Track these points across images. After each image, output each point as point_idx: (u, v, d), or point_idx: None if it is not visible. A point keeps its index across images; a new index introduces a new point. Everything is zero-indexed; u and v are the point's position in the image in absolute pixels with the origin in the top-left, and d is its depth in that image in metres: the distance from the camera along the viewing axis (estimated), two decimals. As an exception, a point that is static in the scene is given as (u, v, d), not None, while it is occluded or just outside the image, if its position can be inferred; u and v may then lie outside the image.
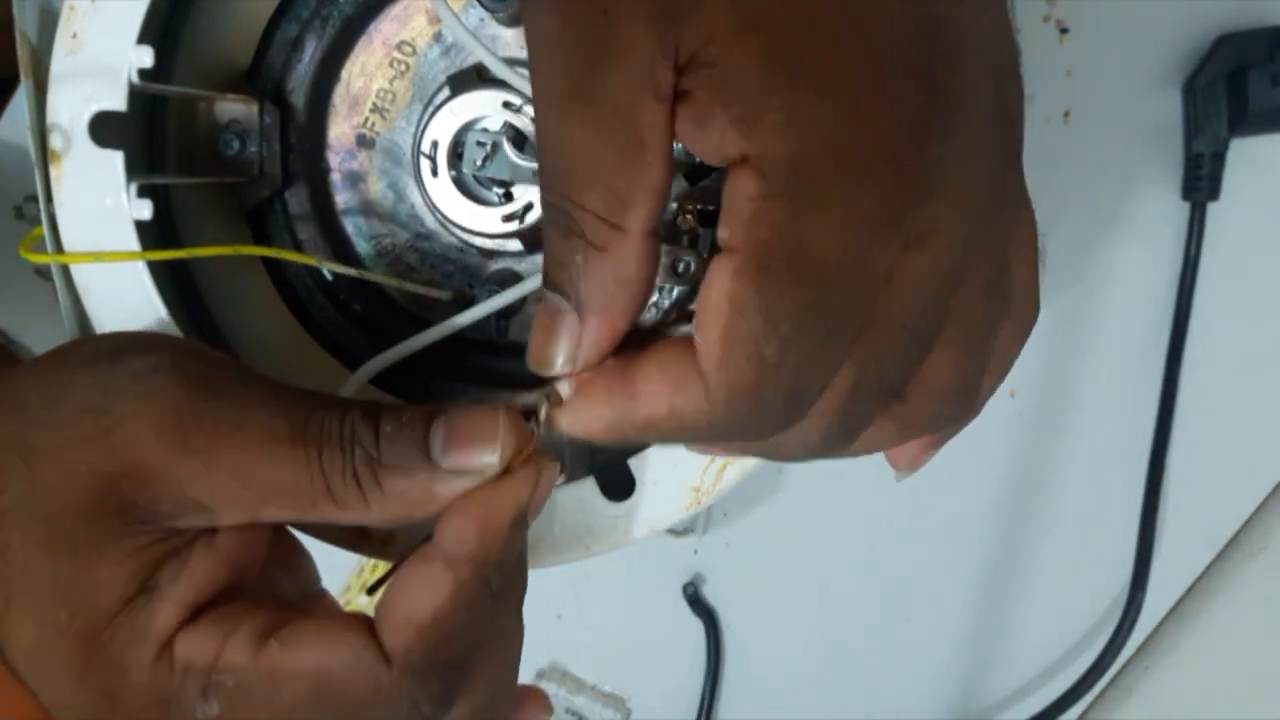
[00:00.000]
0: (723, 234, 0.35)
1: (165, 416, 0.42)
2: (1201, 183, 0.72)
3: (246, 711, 0.40)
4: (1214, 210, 0.72)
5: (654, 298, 0.57)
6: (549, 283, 0.38)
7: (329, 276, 0.58)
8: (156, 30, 0.52)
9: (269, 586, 0.47)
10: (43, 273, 0.74)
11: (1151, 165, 0.73)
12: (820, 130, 0.33)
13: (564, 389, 0.41)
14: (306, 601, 0.50)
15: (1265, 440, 0.74)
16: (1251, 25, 0.70)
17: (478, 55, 0.52)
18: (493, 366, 0.59)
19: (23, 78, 0.51)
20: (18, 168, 0.72)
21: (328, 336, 0.58)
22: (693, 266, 0.54)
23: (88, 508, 0.41)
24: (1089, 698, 0.75)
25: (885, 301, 0.35)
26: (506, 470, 0.43)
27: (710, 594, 0.80)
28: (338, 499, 0.42)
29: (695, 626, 0.80)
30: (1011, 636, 0.78)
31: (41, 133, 0.51)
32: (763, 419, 0.36)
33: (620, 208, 0.36)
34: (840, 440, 0.39)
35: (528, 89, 0.52)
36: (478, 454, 0.43)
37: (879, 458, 0.76)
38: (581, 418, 0.40)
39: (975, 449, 0.76)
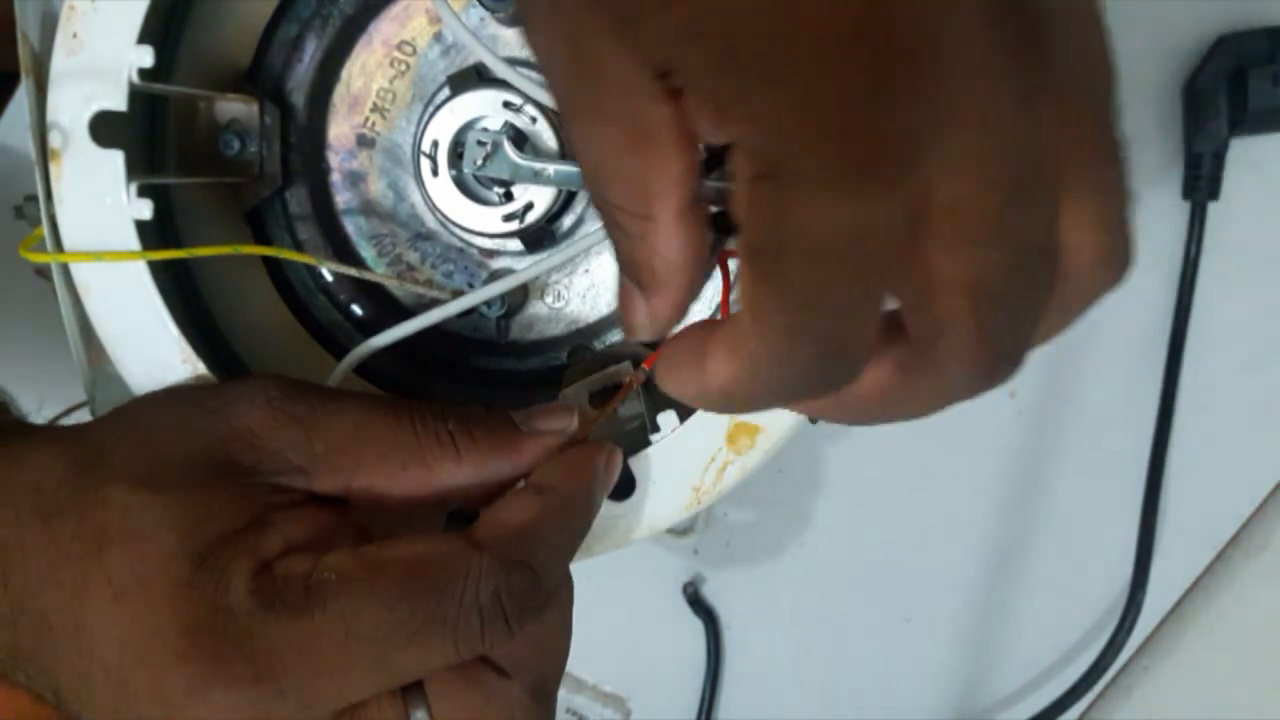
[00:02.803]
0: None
1: (273, 390, 0.47)
2: (1202, 182, 0.71)
3: (349, 598, 0.42)
4: (1214, 210, 0.72)
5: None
6: (620, 265, 0.39)
7: (329, 277, 0.58)
8: (156, 30, 0.52)
9: None
10: (42, 272, 0.74)
11: (1151, 165, 0.73)
12: (779, 116, 0.32)
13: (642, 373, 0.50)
14: None
15: (1265, 440, 0.74)
16: (1251, 25, 0.70)
17: (478, 55, 0.52)
18: (494, 367, 0.59)
19: (23, 77, 0.50)
20: (17, 168, 0.72)
21: (329, 338, 0.58)
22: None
23: (197, 459, 0.45)
24: (1089, 698, 0.75)
25: (933, 232, 0.33)
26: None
27: (710, 594, 0.80)
28: (430, 457, 0.47)
29: (695, 626, 0.80)
30: (1011, 636, 0.78)
31: (42, 132, 0.50)
32: (801, 380, 0.36)
33: (644, 199, 0.36)
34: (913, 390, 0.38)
35: (528, 88, 0.52)
36: (556, 420, 0.50)
37: (876, 455, 0.76)
38: (671, 386, 0.40)
39: (975, 449, 0.76)
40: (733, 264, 0.40)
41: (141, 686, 0.42)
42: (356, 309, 0.58)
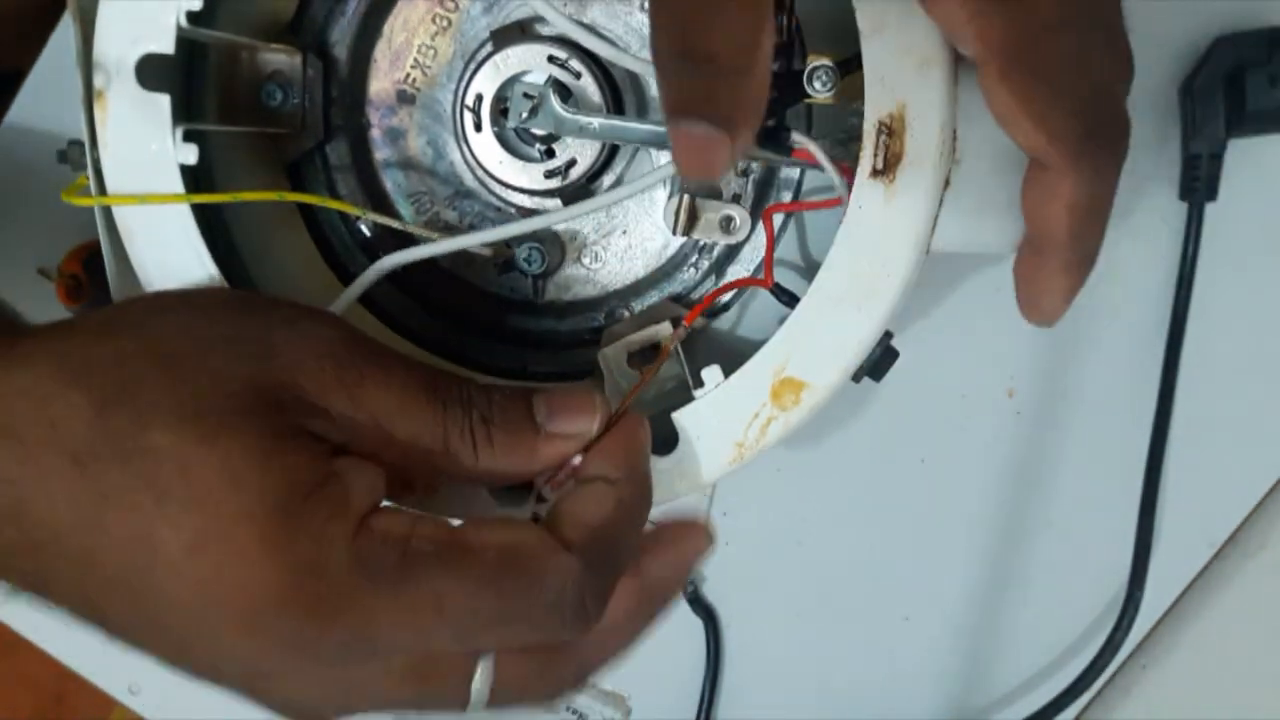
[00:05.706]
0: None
1: (323, 348, 0.46)
2: (1199, 183, 0.72)
3: (444, 577, 0.43)
4: (1212, 211, 0.72)
5: (693, 258, 0.57)
6: (688, 114, 0.40)
7: (367, 233, 0.57)
8: (203, -26, 0.51)
9: None
10: (44, 272, 0.73)
11: (1149, 166, 0.73)
12: None
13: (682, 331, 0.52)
14: None
15: (1264, 440, 0.74)
16: (1250, 25, 0.71)
17: (531, 4, 0.52)
18: (532, 327, 0.58)
19: (71, 21, 0.50)
20: (27, 155, 0.71)
21: (366, 295, 0.57)
22: (737, 222, 0.55)
23: (247, 407, 0.43)
24: (1087, 697, 0.75)
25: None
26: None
27: (710, 594, 0.79)
28: (452, 452, 0.47)
29: (695, 626, 0.79)
30: (1010, 635, 0.78)
31: (88, 76, 0.50)
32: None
33: (753, 39, 0.40)
34: None
35: (577, 37, 0.52)
36: (577, 421, 0.49)
37: (875, 454, 0.77)
38: None
39: (974, 448, 0.76)
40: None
41: (230, 637, 0.42)
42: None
